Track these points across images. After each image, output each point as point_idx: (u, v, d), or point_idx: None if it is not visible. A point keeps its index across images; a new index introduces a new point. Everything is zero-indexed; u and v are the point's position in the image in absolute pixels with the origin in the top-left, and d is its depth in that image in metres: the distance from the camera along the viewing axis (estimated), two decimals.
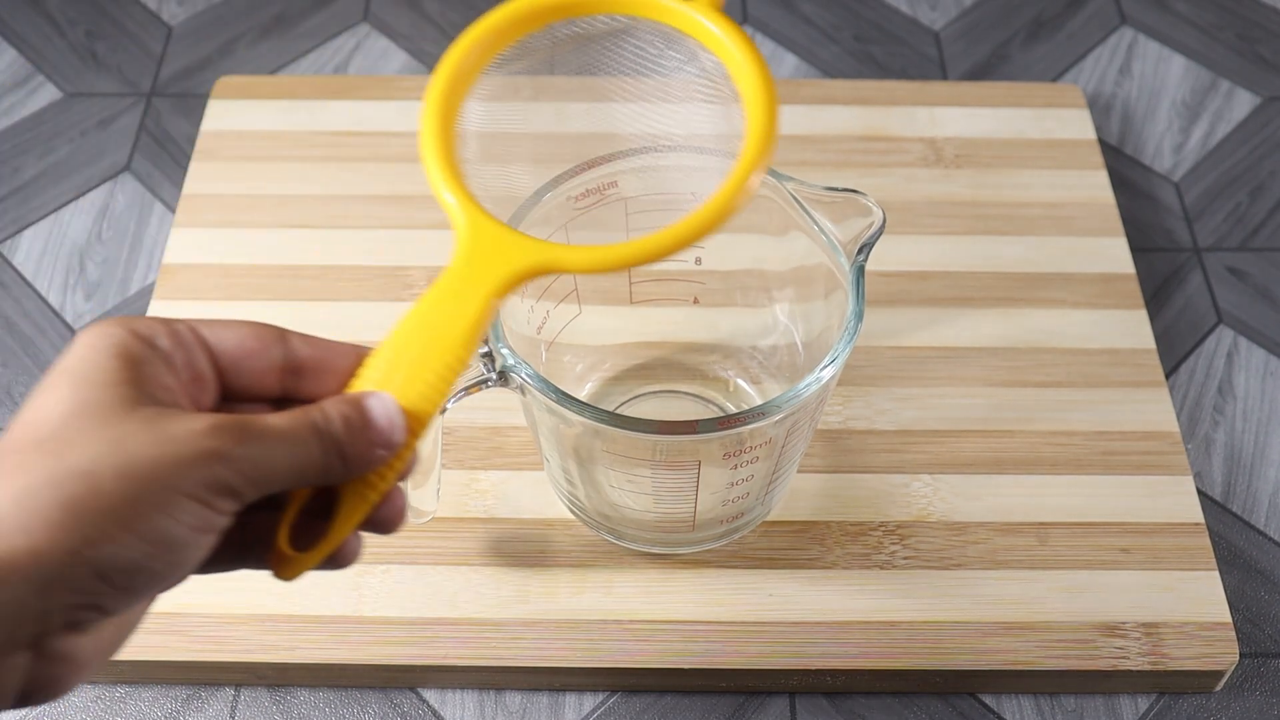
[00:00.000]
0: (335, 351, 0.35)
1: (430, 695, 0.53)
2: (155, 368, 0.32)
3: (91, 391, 0.30)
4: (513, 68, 0.43)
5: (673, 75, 0.41)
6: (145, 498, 0.29)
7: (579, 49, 0.43)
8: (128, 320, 0.32)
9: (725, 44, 0.39)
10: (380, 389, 0.34)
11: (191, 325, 0.33)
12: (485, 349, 0.45)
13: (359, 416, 0.33)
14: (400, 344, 0.35)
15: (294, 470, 0.32)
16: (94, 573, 0.29)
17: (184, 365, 0.33)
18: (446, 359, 0.35)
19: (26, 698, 0.30)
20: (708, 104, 0.41)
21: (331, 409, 0.33)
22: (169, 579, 0.31)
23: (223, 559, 0.34)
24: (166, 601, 0.44)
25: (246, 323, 0.35)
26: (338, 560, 0.35)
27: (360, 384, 0.35)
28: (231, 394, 0.35)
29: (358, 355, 0.35)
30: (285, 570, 0.34)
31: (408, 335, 0.35)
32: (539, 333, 0.52)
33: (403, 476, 0.35)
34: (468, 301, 0.35)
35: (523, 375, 0.44)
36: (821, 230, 0.46)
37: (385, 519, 0.35)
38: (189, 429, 0.30)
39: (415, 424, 0.34)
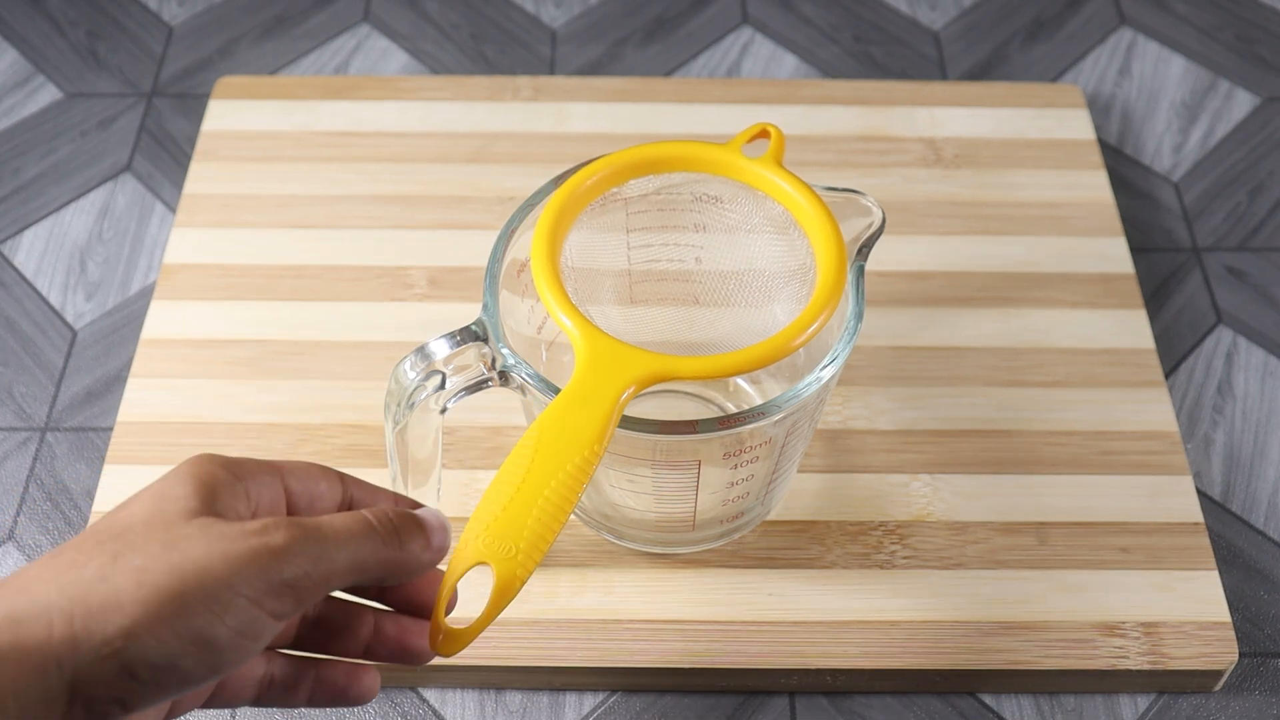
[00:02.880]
0: (379, 495, 0.38)
1: (430, 695, 0.53)
2: (230, 493, 0.34)
3: (162, 504, 0.32)
4: (601, 208, 0.49)
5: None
6: (190, 594, 0.30)
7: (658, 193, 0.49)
8: (226, 457, 0.35)
9: (795, 198, 0.46)
10: (521, 483, 0.38)
11: (278, 465, 0.36)
12: (486, 350, 0.45)
13: (409, 515, 0.36)
14: (536, 444, 0.39)
15: (354, 565, 0.33)
16: (122, 666, 0.29)
17: (269, 502, 0.35)
18: (584, 453, 0.39)
19: None
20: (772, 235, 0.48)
21: (382, 509, 0.35)
22: (198, 680, 0.31)
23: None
24: None
25: (321, 466, 0.38)
26: (409, 657, 0.39)
27: (500, 482, 0.39)
28: None
29: (396, 499, 0.39)
30: (445, 645, 0.37)
31: (542, 437, 0.40)
32: (539, 333, 0.52)
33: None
34: (596, 407, 0.40)
35: (523, 375, 0.44)
36: None
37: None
38: (243, 530, 0.32)
39: (555, 514, 0.38)
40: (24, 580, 0.31)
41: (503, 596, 0.38)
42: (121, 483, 0.57)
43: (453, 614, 0.39)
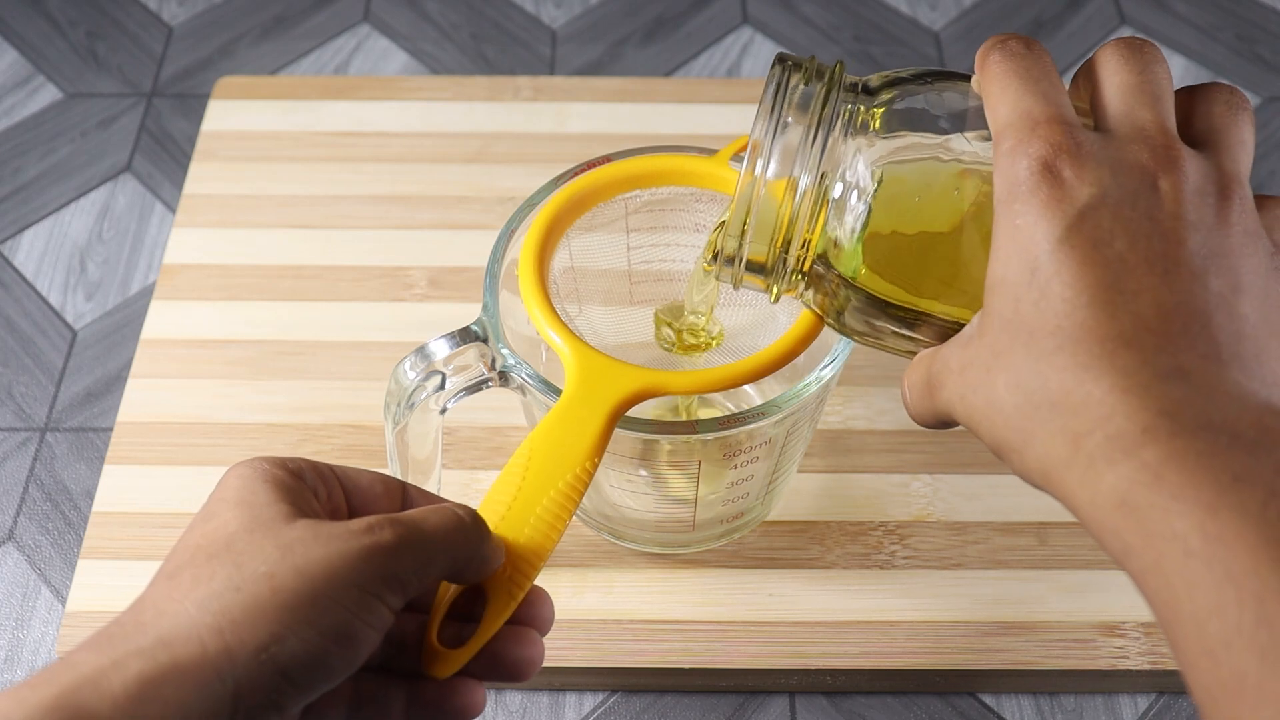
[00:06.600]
0: (437, 501, 0.39)
1: None
2: (304, 495, 0.35)
3: (254, 511, 0.33)
4: (593, 222, 0.49)
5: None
6: (323, 593, 0.31)
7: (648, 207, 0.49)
8: (277, 457, 0.36)
9: None
10: (513, 502, 0.38)
11: (331, 466, 0.37)
12: (486, 350, 0.45)
13: (481, 517, 0.36)
14: (528, 463, 0.39)
15: (448, 559, 0.35)
16: (278, 670, 0.31)
17: (326, 499, 0.36)
18: (575, 470, 0.39)
19: None
20: None
21: (465, 506, 0.36)
22: (337, 676, 0.32)
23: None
24: None
25: (374, 472, 0.38)
26: (510, 670, 0.37)
27: (491, 501, 0.39)
28: None
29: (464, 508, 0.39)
30: (437, 666, 0.37)
31: (534, 455, 0.39)
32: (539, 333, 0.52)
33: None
34: (587, 424, 0.40)
35: (523, 375, 0.44)
36: None
37: (522, 660, 0.38)
38: (349, 529, 0.33)
39: (548, 533, 0.38)
40: (155, 603, 0.31)
41: (496, 617, 0.37)
42: (121, 483, 0.57)
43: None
